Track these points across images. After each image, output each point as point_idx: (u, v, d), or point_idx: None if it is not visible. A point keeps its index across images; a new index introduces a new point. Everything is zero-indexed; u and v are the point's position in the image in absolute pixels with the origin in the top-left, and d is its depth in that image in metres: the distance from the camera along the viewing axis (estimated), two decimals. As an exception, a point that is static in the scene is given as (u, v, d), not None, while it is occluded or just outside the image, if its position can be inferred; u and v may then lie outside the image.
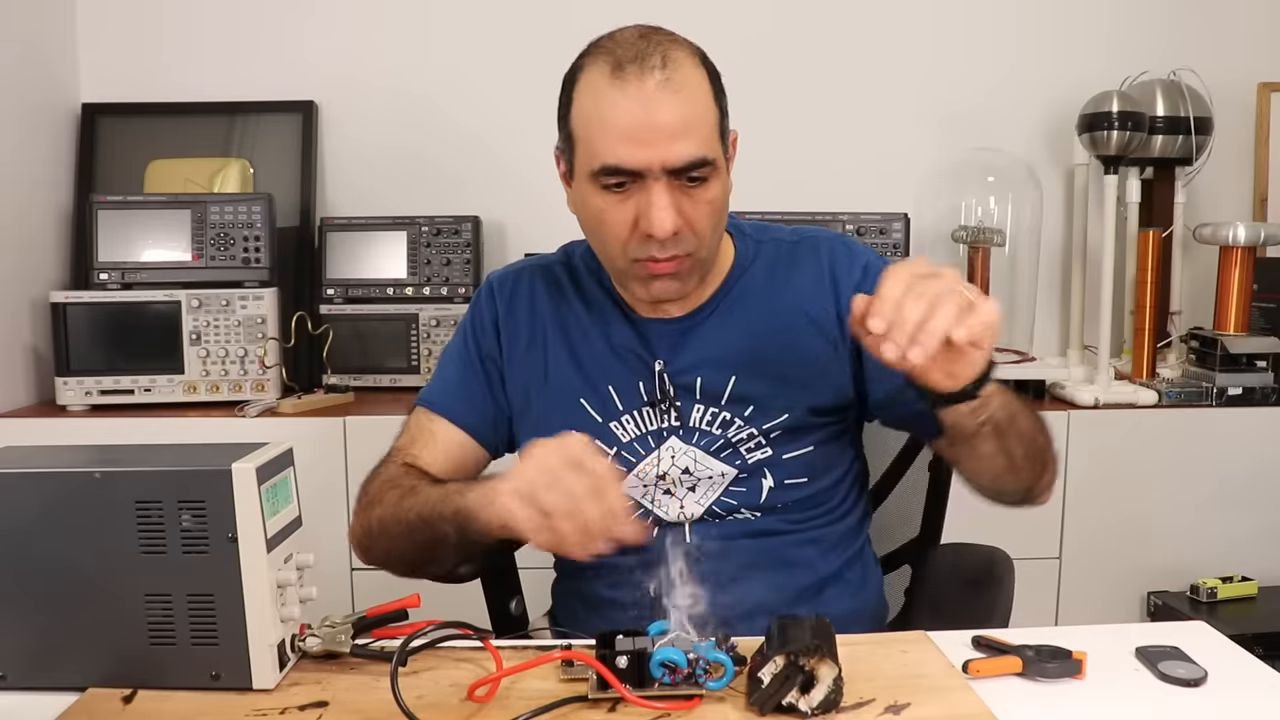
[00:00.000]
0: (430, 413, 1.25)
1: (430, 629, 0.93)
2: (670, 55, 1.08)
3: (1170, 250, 2.44)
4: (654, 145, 1.06)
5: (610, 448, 1.20)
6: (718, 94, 1.13)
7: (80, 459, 0.94)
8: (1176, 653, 0.95)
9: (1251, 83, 2.58)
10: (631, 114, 1.06)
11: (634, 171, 1.07)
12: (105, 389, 2.13)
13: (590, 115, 1.09)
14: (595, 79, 1.08)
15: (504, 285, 1.28)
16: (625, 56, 1.07)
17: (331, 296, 2.30)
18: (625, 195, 1.09)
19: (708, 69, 1.12)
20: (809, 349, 1.19)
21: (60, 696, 0.90)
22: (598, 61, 1.09)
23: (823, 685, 0.82)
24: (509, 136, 2.47)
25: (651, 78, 1.06)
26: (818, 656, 0.83)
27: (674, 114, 1.06)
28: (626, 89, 1.06)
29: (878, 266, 1.20)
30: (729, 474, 1.19)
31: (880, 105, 2.53)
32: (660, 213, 1.07)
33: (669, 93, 1.06)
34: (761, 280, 1.22)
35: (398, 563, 1.17)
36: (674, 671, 0.86)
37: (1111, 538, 2.16)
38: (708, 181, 1.10)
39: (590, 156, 1.09)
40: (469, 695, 0.86)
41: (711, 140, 1.10)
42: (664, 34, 1.11)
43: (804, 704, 0.82)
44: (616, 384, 1.20)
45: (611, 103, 1.07)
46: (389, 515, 1.13)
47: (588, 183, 1.10)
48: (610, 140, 1.07)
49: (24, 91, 2.28)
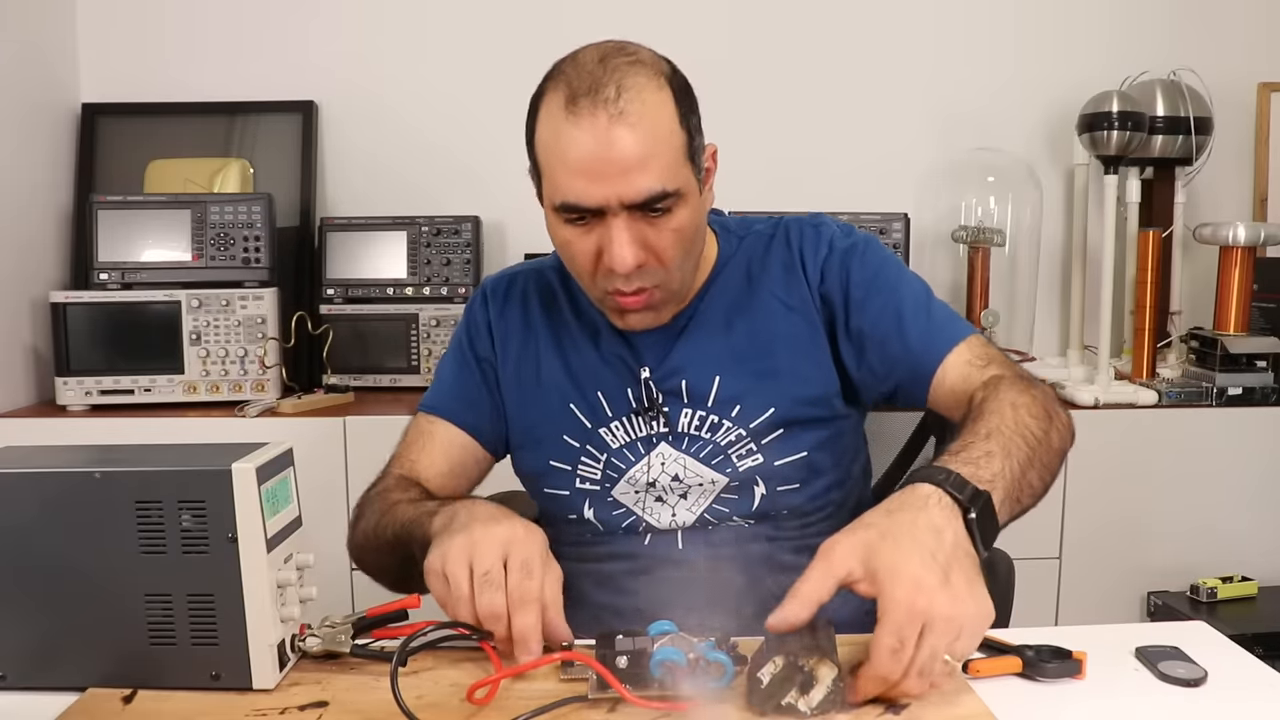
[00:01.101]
0: (429, 416, 1.26)
1: (430, 629, 0.92)
2: (626, 83, 1.03)
3: (1170, 250, 2.44)
4: (610, 181, 1.03)
5: (601, 453, 1.20)
6: (684, 114, 1.08)
7: (80, 459, 0.94)
8: (1176, 653, 0.95)
9: (1251, 83, 2.58)
10: (586, 149, 1.03)
11: (592, 209, 1.05)
12: (105, 389, 2.13)
13: (549, 148, 1.07)
14: (552, 110, 1.05)
15: (497, 290, 1.29)
16: (580, 88, 1.03)
17: (331, 296, 2.30)
18: (588, 228, 1.08)
19: (674, 89, 1.07)
20: (787, 336, 1.19)
21: (60, 696, 0.89)
22: (556, 90, 1.05)
23: (822, 685, 0.82)
24: (509, 136, 2.44)
25: (604, 111, 1.02)
26: (817, 657, 0.82)
27: (629, 148, 1.02)
28: (580, 123, 1.03)
29: (843, 246, 1.20)
30: (720, 482, 1.18)
31: (880, 105, 2.53)
32: (620, 249, 1.05)
33: (623, 126, 1.02)
34: (740, 277, 1.21)
35: (383, 576, 1.18)
36: (673, 671, 0.85)
37: (1111, 538, 2.16)
38: (673, 211, 1.07)
39: (552, 190, 1.08)
40: (468, 697, 0.86)
41: (674, 169, 1.06)
42: (625, 55, 1.06)
43: (803, 704, 0.82)
44: (605, 390, 1.20)
45: (567, 138, 1.03)
46: (371, 530, 1.14)
47: (552, 213, 1.10)
48: (567, 176, 1.05)
49: (24, 91, 2.28)
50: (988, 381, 1.07)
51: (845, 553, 0.83)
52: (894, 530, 0.83)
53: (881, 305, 1.17)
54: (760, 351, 1.18)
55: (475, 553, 0.92)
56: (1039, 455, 0.96)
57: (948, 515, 0.85)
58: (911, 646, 0.79)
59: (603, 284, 1.11)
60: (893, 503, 0.86)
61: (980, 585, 0.83)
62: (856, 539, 0.83)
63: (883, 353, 1.16)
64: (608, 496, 1.20)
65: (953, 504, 0.86)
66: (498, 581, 0.91)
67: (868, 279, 1.18)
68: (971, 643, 0.82)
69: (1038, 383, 1.07)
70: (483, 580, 0.90)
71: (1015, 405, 0.99)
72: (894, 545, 0.81)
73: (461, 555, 0.92)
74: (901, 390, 1.18)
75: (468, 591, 0.91)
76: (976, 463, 0.90)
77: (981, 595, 0.82)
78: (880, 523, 0.84)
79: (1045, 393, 1.05)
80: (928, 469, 0.89)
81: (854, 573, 0.82)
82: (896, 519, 0.84)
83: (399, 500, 1.13)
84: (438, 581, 0.94)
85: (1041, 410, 1.01)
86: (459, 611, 0.92)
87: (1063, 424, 1.03)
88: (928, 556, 0.81)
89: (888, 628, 0.79)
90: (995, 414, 0.98)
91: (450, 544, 0.94)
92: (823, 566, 0.83)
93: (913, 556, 0.80)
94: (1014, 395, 1.01)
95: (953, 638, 0.80)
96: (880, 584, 0.80)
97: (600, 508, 1.20)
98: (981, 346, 1.14)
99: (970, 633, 0.81)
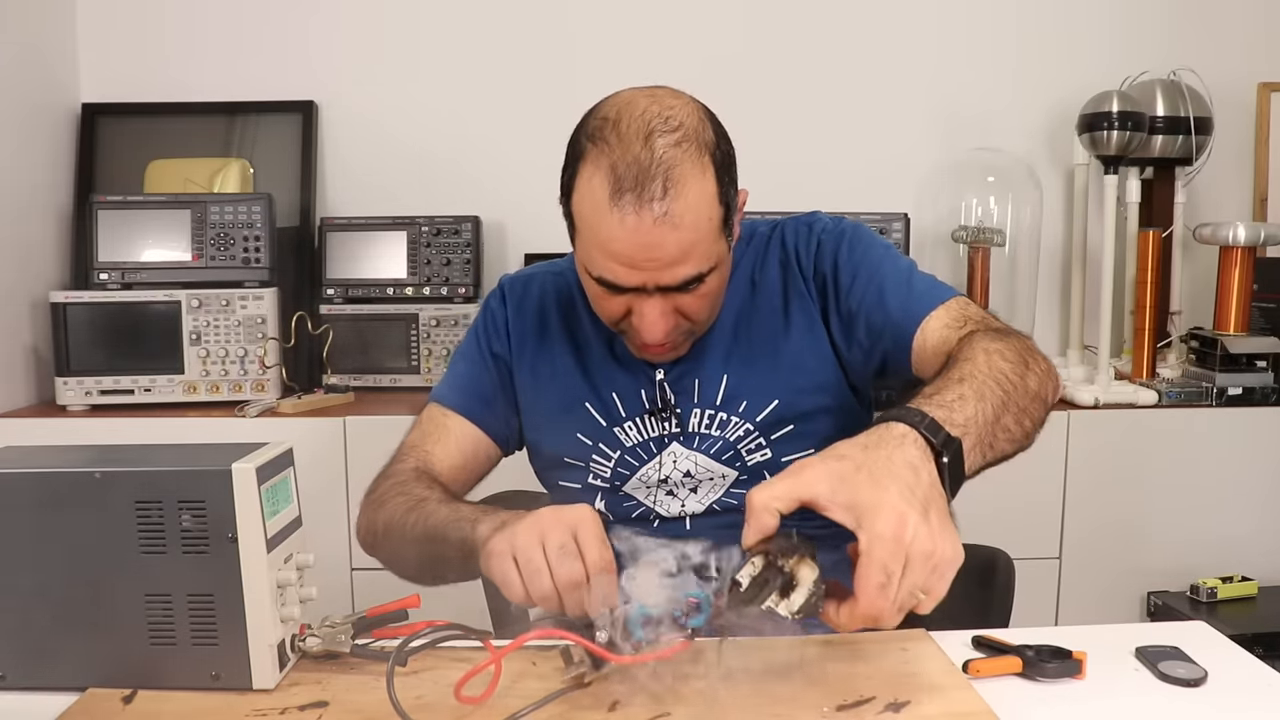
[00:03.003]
0: (444, 408, 1.27)
1: (428, 630, 0.92)
2: (674, 175, 1.02)
3: (1170, 250, 2.44)
4: (649, 271, 1.06)
5: (613, 451, 1.22)
6: (724, 188, 1.08)
7: (80, 459, 0.94)
8: (1176, 653, 0.95)
9: (1251, 83, 2.58)
10: (628, 243, 1.04)
11: (627, 289, 1.08)
12: (105, 389, 2.13)
13: (588, 224, 1.07)
14: (595, 189, 1.04)
15: (514, 288, 1.30)
16: (625, 179, 1.02)
17: (331, 296, 2.30)
18: (619, 292, 1.10)
19: (716, 163, 1.07)
20: (787, 330, 1.21)
21: (60, 696, 0.90)
22: (600, 167, 1.04)
23: (803, 588, 0.80)
24: (509, 136, 2.47)
25: (649, 211, 1.02)
26: (797, 557, 0.80)
27: (672, 247, 1.04)
28: (624, 220, 1.02)
29: (832, 236, 1.22)
30: (730, 475, 1.20)
31: (880, 105, 2.53)
32: (652, 325, 1.09)
33: (667, 227, 1.02)
34: (746, 282, 1.24)
35: (401, 567, 1.17)
36: (655, 624, 0.85)
37: (1111, 538, 2.16)
38: (705, 280, 1.09)
39: (585, 260, 1.09)
40: (455, 691, 0.86)
41: (711, 250, 1.08)
42: (669, 130, 1.04)
43: (784, 608, 0.79)
44: (619, 390, 1.22)
45: (609, 228, 1.04)
46: (395, 522, 1.13)
47: (584, 270, 1.11)
48: (604, 259, 1.06)
49: (24, 91, 2.28)
50: (964, 337, 1.07)
51: (816, 476, 0.82)
52: (870, 464, 0.82)
53: (866, 282, 1.18)
54: (763, 348, 1.21)
55: (546, 531, 0.93)
56: (1014, 399, 0.95)
57: (923, 455, 0.84)
58: (898, 581, 0.79)
59: (628, 332, 1.14)
60: (869, 438, 0.85)
61: (953, 526, 0.83)
62: (829, 466, 0.82)
63: (868, 326, 1.18)
64: (619, 492, 1.23)
65: (926, 446, 0.85)
66: (574, 552, 0.92)
67: (855, 262, 1.20)
68: (946, 582, 0.81)
69: (1015, 332, 1.07)
70: (559, 553, 0.91)
71: (989, 351, 0.99)
72: (872, 479, 0.80)
73: (532, 535, 0.93)
74: (889, 361, 1.18)
75: (544, 564, 0.91)
76: (950, 406, 0.89)
77: (955, 536, 0.82)
78: (856, 455, 0.83)
79: (1022, 340, 1.04)
80: (902, 410, 0.88)
81: (821, 496, 0.81)
82: (873, 454, 0.83)
83: (426, 497, 1.13)
84: (505, 563, 0.93)
85: (1016, 355, 0.99)
86: (537, 584, 0.92)
87: (1041, 369, 1.01)
88: (908, 492, 0.80)
89: (875, 562, 0.78)
90: (968, 360, 0.97)
91: (516, 529, 0.94)
92: (790, 482, 0.82)
93: (893, 491, 0.80)
94: (987, 342, 1.01)
95: (931, 573, 0.80)
96: (861, 517, 0.79)
97: (612, 501, 1.23)
98: (960, 309, 1.14)
99: (946, 571, 0.81)
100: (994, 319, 1.13)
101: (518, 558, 0.93)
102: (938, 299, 1.15)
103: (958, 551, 0.81)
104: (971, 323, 1.11)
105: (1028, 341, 1.05)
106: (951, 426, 0.87)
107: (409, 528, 1.11)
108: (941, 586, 0.81)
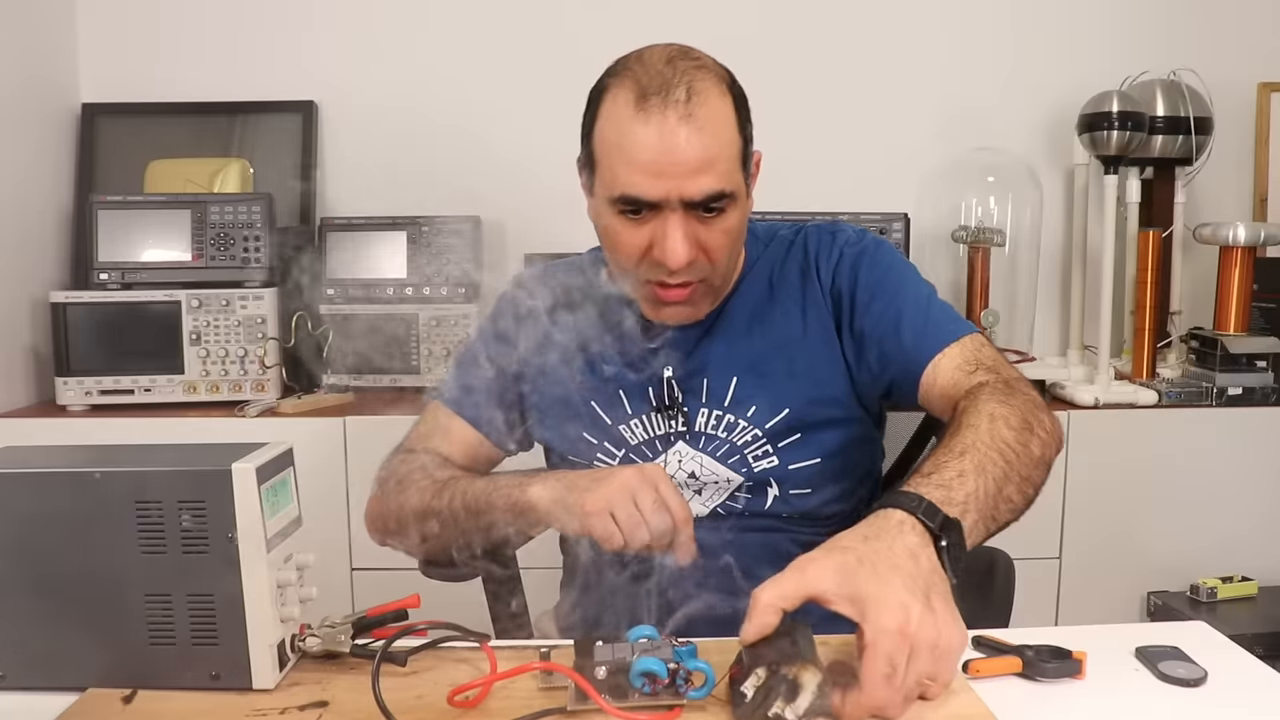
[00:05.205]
0: (447, 410, 1.28)
1: (424, 627, 0.93)
2: (696, 85, 1.07)
3: (1170, 250, 2.44)
4: (673, 178, 1.07)
5: (619, 449, 1.22)
6: (743, 122, 1.13)
7: (80, 459, 0.94)
8: (1176, 653, 0.95)
9: (1251, 83, 2.58)
10: (652, 147, 1.06)
11: (651, 202, 1.08)
12: (105, 389, 2.13)
13: (612, 142, 1.09)
14: (619, 105, 1.08)
15: (524, 285, 1.30)
16: (650, 86, 1.07)
17: (331, 296, 2.30)
18: (641, 220, 1.11)
19: (734, 95, 1.12)
20: (803, 339, 1.21)
21: (60, 696, 0.89)
22: (623, 86, 1.09)
23: (807, 692, 0.80)
24: (509, 136, 2.47)
25: (674, 111, 1.06)
26: (799, 664, 0.81)
27: (696, 149, 1.06)
28: (649, 121, 1.06)
29: (854, 249, 1.23)
30: (735, 480, 1.20)
31: (880, 105, 2.53)
32: (675, 244, 1.09)
33: (692, 128, 1.06)
34: (763, 284, 1.24)
35: (431, 543, 1.17)
36: (654, 681, 0.84)
37: (1111, 538, 2.16)
38: (725, 211, 1.11)
39: (609, 182, 1.10)
40: (449, 701, 0.86)
41: (732, 172, 1.10)
42: (691, 59, 1.10)
43: (790, 713, 0.80)
44: (626, 388, 1.22)
45: (633, 134, 1.07)
46: (425, 503, 1.15)
47: (605, 204, 1.12)
48: (630, 171, 1.08)
49: (24, 91, 2.28)
50: (970, 390, 1.07)
51: (821, 572, 0.82)
52: (871, 556, 0.82)
53: (884, 306, 1.19)
54: (777, 355, 1.21)
55: (636, 489, 1.04)
56: (1017, 469, 0.95)
57: (922, 541, 0.84)
58: (903, 672, 0.78)
59: (647, 273, 1.14)
60: (868, 528, 0.85)
61: (955, 610, 0.82)
62: (833, 560, 0.82)
63: (880, 350, 1.18)
64: None
65: (925, 531, 0.85)
66: (663, 506, 1.04)
67: (874, 281, 1.20)
68: (953, 667, 0.81)
69: (1021, 389, 1.06)
70: (653, 507, 1.03)
71: (993, 417, 0.98)
72: (873, 571, 0.81)
73: (625, 494, 1.04)
74: (895, 388, 1.19)
75: (640, 518, 1.03)
76: (949, 485, 0.89)
77: (958, 620, 0.82)
78: (857, 547, 0.83)
79: (1027, 399, 1.04)
80: (900, 494, 0.88)
81: (828, 592, 0.81)
82: (873, 545, 0.83)
83: (456, 475, 1.17)
84: (604, 520, 1.03)
85: (1020, 420, 0.99)
86: (637, 535, 1.03)
87: (1046, 431, 1.02)
88: (910, 581, 0.80)
89: (880, 655, 0.78)
90: (971, 429, 0.97)
91: (608, 490, 1.04)
92: (796, 578, 0.82)
93: (895, 583, 0.80)
94: (993, 406, 1.00)
95: (937, 661, 0.80)
96: (866, 610, 0.79)
97: None
98: (974, 350, 1.14)
99: (952, 657, 0.81)
100: (1004, 363, 1.13)
101: (615, 514, 1.03)
102: (953, 335, 1.15)
103: (963, 636, 0.81)
104: (983, 369, 1.11)
105: (1033, 397, 1.05)
106: (950, 506, 0.87)
107: (446, 502, 1.13)
108: (948, 673, 0.81)
